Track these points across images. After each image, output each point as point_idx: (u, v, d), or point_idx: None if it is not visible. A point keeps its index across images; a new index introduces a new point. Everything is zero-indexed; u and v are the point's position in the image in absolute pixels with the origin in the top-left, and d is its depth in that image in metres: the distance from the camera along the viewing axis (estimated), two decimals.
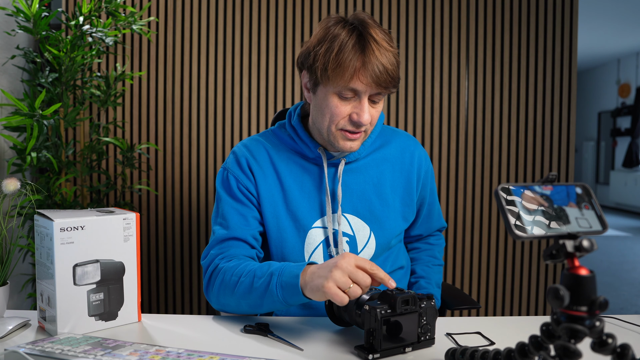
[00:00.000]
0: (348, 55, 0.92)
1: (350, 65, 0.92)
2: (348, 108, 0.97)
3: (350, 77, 0.92)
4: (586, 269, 0.54)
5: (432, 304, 0.80)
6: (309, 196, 1.06)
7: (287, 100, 2.39)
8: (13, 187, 0.94)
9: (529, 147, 2.39)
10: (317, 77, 0.96)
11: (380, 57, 0.92)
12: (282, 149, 1.09)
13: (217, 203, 1.09)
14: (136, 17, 2.13)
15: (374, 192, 1.09)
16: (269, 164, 1.08)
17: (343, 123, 0.98)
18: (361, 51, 0.92)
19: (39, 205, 1.90)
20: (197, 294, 2.44)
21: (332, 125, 0.98)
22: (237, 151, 1.11)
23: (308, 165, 1.08)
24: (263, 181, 1.07)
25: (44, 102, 1.98)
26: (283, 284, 0.86)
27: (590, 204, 0.61)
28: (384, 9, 2.37)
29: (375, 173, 1.10)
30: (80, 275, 0.87)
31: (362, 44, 0.93)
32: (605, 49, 7.64)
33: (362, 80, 0.93)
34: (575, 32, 2.37)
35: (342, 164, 1.06)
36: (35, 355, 0.71)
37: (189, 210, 2.42)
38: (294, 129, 1.09)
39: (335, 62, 0.92)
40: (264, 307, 0.91)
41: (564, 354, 0.53)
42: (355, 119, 0.96)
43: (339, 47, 0.92)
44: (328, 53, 0.93)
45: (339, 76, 0.93)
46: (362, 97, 0.96)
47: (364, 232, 1.07)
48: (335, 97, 0.96)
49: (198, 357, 0.71)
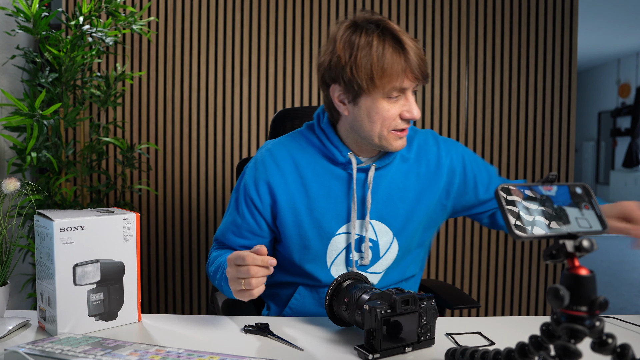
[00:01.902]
0: (391, 58, 0.92)
1: (396, 67, 0.92)
2: (397, 108, 0.97)
3: (399, 78, 0.93)
4: (586, 269, 0.54)
5: (432, 304, 0.80)
6: (335, 202, 1.04)
7: (287, 100, 2.39)
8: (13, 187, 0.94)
9: (529, 147, 2.39)
10: (360, 87, 0.94)
11: (416, 50, 0.95)
12: (309, 152, 1.07)
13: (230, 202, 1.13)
14: (136, 17, 2.13)
15: (399, 197, 1.06)
16: (293, 170, 1.05)
17: (395, 124, 0.98)
18: (401, 49, 0.93)
19: (39, 205, 1.90)
20: (197, 294, 2.45)
21: (384, 129, 0.98)
22: (260, 158, 1.08)
23: (336, 169, 1.05)
24: (284, 190, 1.04)
25: (44, 102, 1.98)
26: (226, 278, 0.91)
27: (590, 204, 0.61)
28: (384, 9, 2.37)
29: (400, 178, 1.07)
30: (80, 275, 0.87)
31: (397, 43, 0.94)
32: (605, 49, 7.64)
33: (410, 77, 0.94)
34: (575, 32, 2.37)
35: (372, 169, 1.04)
36: (35, 355, 0.71)
37: (189, 210, 2.42)
38: (324, 132, 1.06)
39: (380, 69, 0.92)
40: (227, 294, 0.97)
41: (564, 354, 0.53)
42: (408, 116, 0.97)
43: (378, 53, 0.92)
44: (369, 63, 0.92)
45: (387, 81, 0.93)
46: (407, 93, 0.97)
47: (387, 238, 1.06)
48: (384, 101, 0.96)
49: (198, 357, 0.71)
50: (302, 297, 1.08)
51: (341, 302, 0.87)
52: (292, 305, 1.09)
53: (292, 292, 1.10)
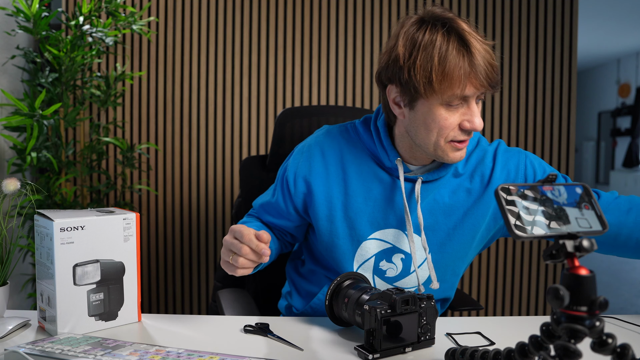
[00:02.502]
0: (454, 62, 0.84)
1: (459, 72, 0.84)
2: (457, 117, 0.88)
3: (461, 85, 0.84)
4: (586, 269, 0.54)
5: (432, 303, 0.80)
6: (373, 205, 0.99)
7: (287, 100, 2.39)
8: (13, 187, 0.94)
9: (529, 147, 2.39)
10: (417, 91, 0.87)
11: (485, 53, 0.86)
12: (358, 148, 1.02)
13: (270, 187, 1.13)
14: (136, 17, 2.13)
15: (443, 212, 0.99)
16: (337, 163, 1.01)
17: (453, 134, 0.89)
18: (466, 53, 0.84)
19: (39, 205, 1.90)
20: (197, 294, 2.45)
21: (441, 138, 0.90)
22: (309, 148, 1.05)
23: (380, 172, 1.00)
24: (324, 182, 1.01)
25: (44, 102, 1.98)
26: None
27: (590, 204, 0.61)
28: (384, 9, 2.37)
29: (448, 193, 1.00)
30: (80, 275, 0.87)
31: (463, 44, 0.85)
32: (605, 49, 7.64)
33: (474, 84, 0.85)
34: (575, 32, 2.37)
35: (419, 182, 0.97)
36: (35, 355, 0.71)
37: (189, 210, 2.42)
38: (378, 130, 1.00)
39: (440, 72, 0.84)
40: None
41: (564, 354, 0.53)
42: (468, 126, 0.88)
43: (440, 54, 0.84)
44: (429, 64, 0.84)
45: (447, 86, 0.84)
46: (470, 101, 0.88)
47: (422, 253, 1.00)
48: (442, 108, 0.88)
49: (198, 357, 0.71)
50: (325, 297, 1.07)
51: (341, 302, 0.87)
52: (313, 305, 1.07)
53: (317, 290, 1.08)
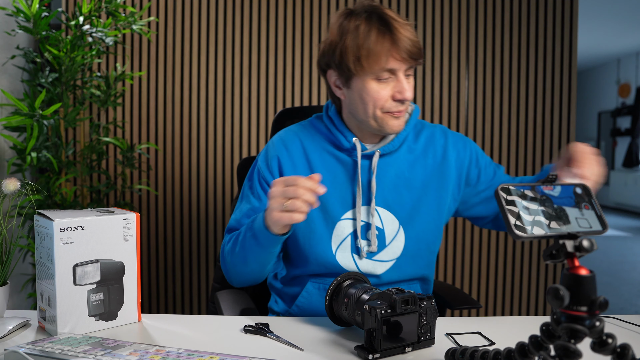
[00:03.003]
0: (377, 39, 0.95)
1: (382, 48, 0.94)
2: (388, 89, 0.99)
3: (385, 59, 0.95)
4: (586, 269, 0.54)
5: (432, 304, 0.80)
6: (340, 187, 1.06)
7: (287, 100, 2.39)
8: (13, 187, 0.94)
9: (529, 147, 2.39)
10: (349, 70, 0.98)
11: (405, 31, 0.96)
12: (317, 139, 1.11)
13: (240, 193, 1.15)
14: (136, 17, 2.13)
15: (405, 186, 1.07)
16: (301, 154, 1.09)
17: (388, 105, 0.99)
18: (387, 31, 0.95)
19: (39, 205, 1.90)
20: (197, 294, 2.45)
21: (377, 109, 1.00)
22: (271, 143, 1.13)
23: (342, 155, 1.08)
24: (292, 172, 1.08)
25: (44, 102, 1.98)
26: (255, 230, 0.95)
27: (590, 204, 0.61)
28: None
29: (406, 167, 1.08)
30: (80, 275, 0.87)
31: (384, 24, 0.96)
32: (605, 49, 7.64)
33: (397, 57, 0.95)
34: (575, 32, 2.37)
35: (376, 155, 1.05)
36: (35, 355, 0.71)
37: (189, 210, 2.42)
38: (331, 119, 1.10)
39: (366, 50, 0.95)
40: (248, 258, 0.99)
41: (564, 354, 0.53)
42: (399, 97, 0.98)
43: (365, 34, 0.95)
44: (355, 44, 0.96)
45: (373, 62, 0.95)
46: (398, 74, 0.98)
47: (393, 226, 1.06)
48: (374, 82, 0.98)
49: (198, 357, 0.71)
50: (310, 294, 1.08)
51: (341, 302, 0.87)
52: (299, 303, 1.09)
53: (299, 289, 1.10)
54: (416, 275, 1.11)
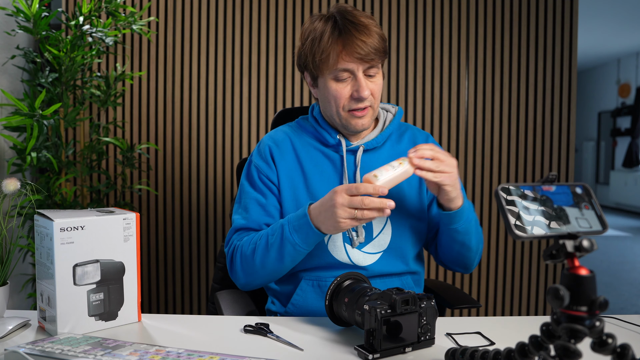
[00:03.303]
0: (328, 41, 1.01)
1: (332, 49, 1.00)
2: (347, 88, 1.04)
3: (336, 59, 1.01)
4: (586, 269, 0.54)
5: (432, 304, 0.80)
6: (328, 181, 1.10)
7: (287, 100, 2.39)
8: (13, 187, 0.94)
9: (529, 147, 2.39)
10: (313, 71, 1.06)
11: (359, 34, 1.00)
12: (304, 137, 1.16)
13: (239, 194, 1.16)
14: (136, 17, 2.13)
15: None
16: (291, 150, 1.14)
17: (348, 104, 1.04)
18: (338, 34, 1.01)
19: (39, 205, 1.90)
20: (197, 294, 2.45)
21: (339, 108, 1.05)
22: (262, 141, 1.18)
23: (328, 151, 1.13)
24: (284, 166, 1.12)
25: (44, 102, 1.98)
26: (296, 228, 0.97)
27: (590, 204, 0.61)
28: (384, 10, 2.37)
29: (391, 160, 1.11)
30: (80, 275, 0.87)
31: (337, 27, 1.01)
32: (605, 49, 7.64)
33: (347, 59, 1.00)
34: (575, 32, 2.37)
35: (360, 150, 1.10)
36: (35, 355, 0.71)
37: (189, 210, 2.42)
38: (316, 119, 1.15)
39: (319, 51, 1.01)
40: (285, 259, 1.00)
41: (564, 354, 0.53)
42: (356, 95, 1.03)
43: (319, 37, 1.02)
44: (313, 46, 1.03)
45: (326, 62, 1.01)
46: (356, 74, 1.02)
47: (381, 219, 1.09)
48: (333, 82, 1.04)
49: (198, 357, 0.71)
50: (304, 292, 1.09)
51: (341, 302, 0.87)
52: (295, 302, 1.09)
53: (294, 288, 1.11)
54: (404, 269, 1.12)
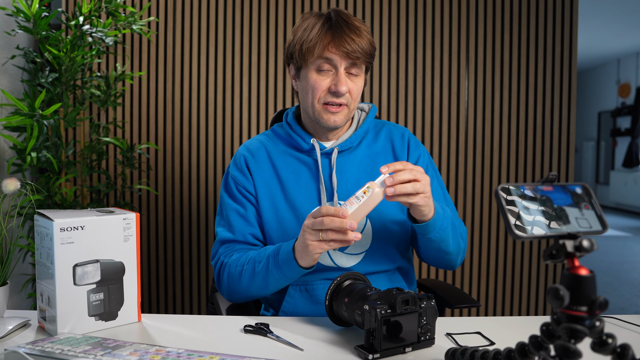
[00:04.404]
0: (318, 32, 1.03)
1: (320, 39, 1.03)
2: (327, 81, 1.05)
3: (322, 49, 1.03)
4: (586, 269, 0.54)
5: (432, 304, 0.80)
6: (305, 186, 1.11)
7: (287, 100, 2.39)
8: (13, 187, 0.94)
9: (529, 147, 2.39)
10: (297, 61, 1.07)
11: (349, 31, 1.02)
12: (279, 145, 1.17)
13: (220, 206, 1.17)
14: (136, 17, 2.13)
15: (367, 179, 1.10)
16: (266, 159, 1.15)
17: (324, 96, 1.06)
18: (329, 27, 1.03)
19: (39, 205, 1.90)
20: (197, 294, 2.45)
21: (315, 100, 1.06)
22: (237, 153, 1.19)
23: (303, 157, 1.14)
24: (260, 176, 1.13)
25: (44, 102, 1.98)
26: (280, 262, 0.97)
27: (590, 204, 0.61)
28: (384, 9, 2.37)
29: (368, 162, 1.14)
30: (80, 275, 0.87)
31: (330, 21, 1.04)
32: (605, 49, 7.64)
33: (333, 50, 1.02)
34: (575, 32, 2.37)
35: (335, 152, 1.11)
36: (35, 355, 0.71)
37: (189, 210, 2.42)
38: (289, 124, 1.17)
39: (308, 40, 1.03)
40: (270, 287, 1.02)
41: (564, 354, 0.53)
42: (333, 89, 1.04)
43: (311, 28, 1.04)
44: (302, 37, 1.05)
45: (312, 51, 1.03)
46: (338, 68, 1.04)
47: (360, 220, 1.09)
48: (314, 72, 1.05)
49: (198, 357, 0.71)
50: (293, 298, 1.09)
51: (341, 302, 0.87)
52: (284, 309, 1.09)
53: (282, 295, 1.11)
54: (390, 267, 1.12)
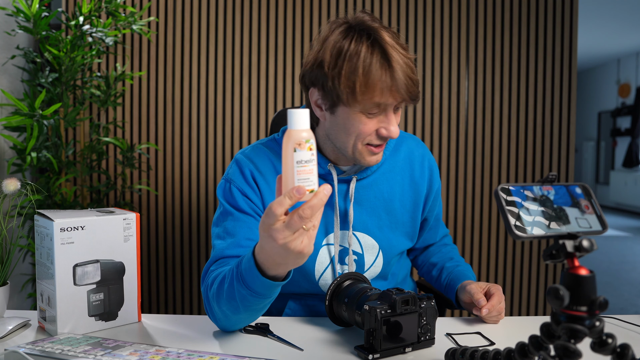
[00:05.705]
0: (377, 75, 0.86)
1: (381, 85, 0.86)
2: (374, 123, 0.91)
3: (382, 96, 0.88)
4: (586, 269, 0.54)
5: (432, 304, 0.80)
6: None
7: (287, 100, 2.39)
8: (13, 187, 0.94)
9: (529, 147, 2.39)
10: (340, 98, 0.89)
11: (405, 67, 0.88)
12: None
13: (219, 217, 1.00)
14: (136, 17, 2.13)
15: (384, 208, 1.05)
16: (273, 175, 1.01)
17: (370, 139, 0.93)
18: (388, 66, 0.86)
19: (39, 205, 1.90)
20: (197, 294, 2.44)
21: (359, 142, 0.93)
22: (241, 162, 1.02)
23: None
24: (269, 194, 0.99)
25: (44, 102, 1.98)
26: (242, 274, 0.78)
27: (590, 204, 0.61)
28: (384, 9, 2.37)
29: (386, 187, 1.05)
30: (80, 275, 0.87)
31: (385, 58, 0.87)
32: (605, 49, 7.64)
33: (394, 96, 0.88)
34: (575, 32, 2.37)
35: (353, 181, 1.01)
36: (35, 355, 0.71)
37: (189, 210, 2.42)
38: None
39: (364, 84, 0.86)
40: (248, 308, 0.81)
41: (564, 354, 0.53)
42: (385, 134, 0.92)
43: (365, 67, 0.86)
44: (353, 75, 0.86)
45: (369, 97, 0.87)
46: (388, 110, 0.91)
47: (373, 251, 1.05)
48: (362, 115, 0.90)
49: (198, 357, 0.71)
50: (294, 311, 1.06)
51: (341, 302, 0.87)
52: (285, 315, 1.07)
53: (282, 306, 1.08)
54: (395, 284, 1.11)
